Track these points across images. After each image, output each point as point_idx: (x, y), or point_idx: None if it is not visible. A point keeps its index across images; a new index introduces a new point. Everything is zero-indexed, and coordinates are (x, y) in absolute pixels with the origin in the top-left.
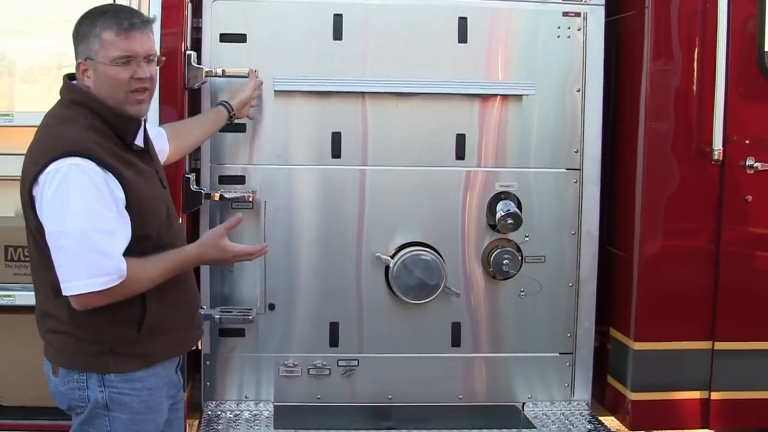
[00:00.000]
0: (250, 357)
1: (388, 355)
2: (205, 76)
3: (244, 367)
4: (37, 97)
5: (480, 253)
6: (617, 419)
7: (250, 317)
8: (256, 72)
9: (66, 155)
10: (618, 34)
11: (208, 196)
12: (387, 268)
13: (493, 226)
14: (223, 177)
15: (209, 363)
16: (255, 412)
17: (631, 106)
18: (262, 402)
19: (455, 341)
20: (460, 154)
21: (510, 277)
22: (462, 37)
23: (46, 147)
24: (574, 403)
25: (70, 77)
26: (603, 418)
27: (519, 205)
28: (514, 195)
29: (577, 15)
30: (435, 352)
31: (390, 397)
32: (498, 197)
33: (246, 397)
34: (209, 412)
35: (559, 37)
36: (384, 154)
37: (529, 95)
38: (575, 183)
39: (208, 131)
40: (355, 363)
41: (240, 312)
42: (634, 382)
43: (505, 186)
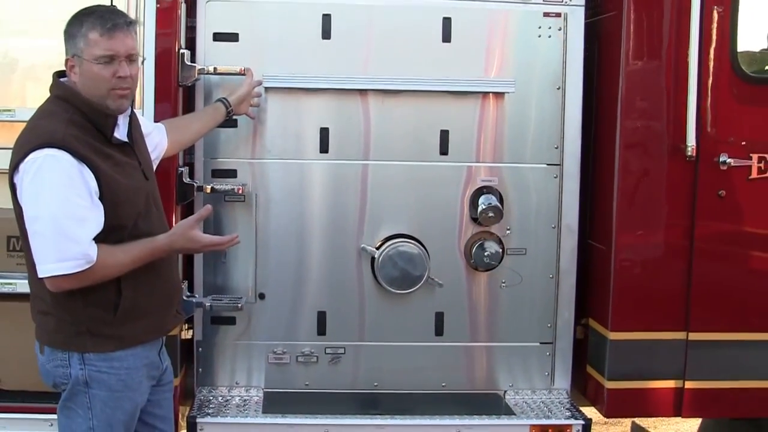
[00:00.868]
0: (240, 344)
1: (374, 343)
2: (198, 74)
3: (235, 354)
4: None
5: (463, 245)
6: (596, 409)
7: (240, 305)
8: (251, 70)
9: (43, 146)
10: (598, 35)
11: (201, 188)
12: (372, 259)
13: (475, 219)
14: (215, 171)
15: (201, 350)
16: (245, 398)
17: (609, 103)
18: (253, 388)
19: (438, 330)
20: (443, 150)
21: (492, 269)
22: (446, 36)
23: (27, 139)
24: (554, 392)
25: (59, 74)
26: (584, 408)
27: (500, 199)
28: (496, 189)
29: (558, 15)
30: (419, 341)
31: (375, 384)
32: (480, 191)
33: (237, 383)
34: (201, 397)
35: (540, 37)
36: (370, 149)
37: (510, 93)
38: (555, 178)
39: (206, 126)
40: (341, 351)
41: (231, 300)
42: (611, 371)
43: (487, 180)
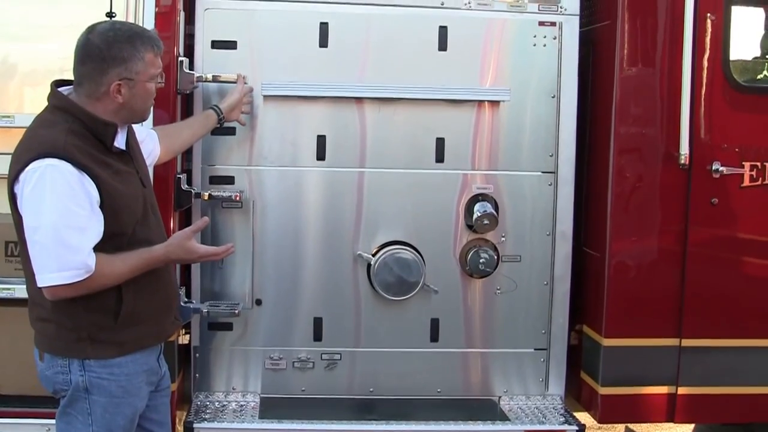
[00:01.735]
0: (237, 350)
1: (370, 349)
2: (197, 81)
3: (232, 359)
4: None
5: (458, 252)
6: (590, 414)
7: (237, 311)
8: (244, 77)
9: (44, 156)
10: (592, 43)
11: (198, 195)
12: (369, 265)
13: (470, 226)
14: (213, 177)
15: (198, 355)
16: (242, 403)
17: (603, 111)
18: (249, 393)
19: (434, 337)
20: (439, 158)
21: (487, 276)
22: (442, 45)
23: (27, 148)
24: (548, 398)
25: (57, 84)
26: (577, 414)
27: (496, 207)
28: (491, 197)
29: (553, 24)
30: (414, 347)
31: (371, 389)
32: (475, 199)
33: (234, 389)
34: (198, 403)
35: (535, 46)
36: (367, 156)
37: (505, 101)
38: (550, 185)
39: (197, 133)
40: (337, 357)
41: (228, 306)
42: (604, 376)
43: (483, 188)
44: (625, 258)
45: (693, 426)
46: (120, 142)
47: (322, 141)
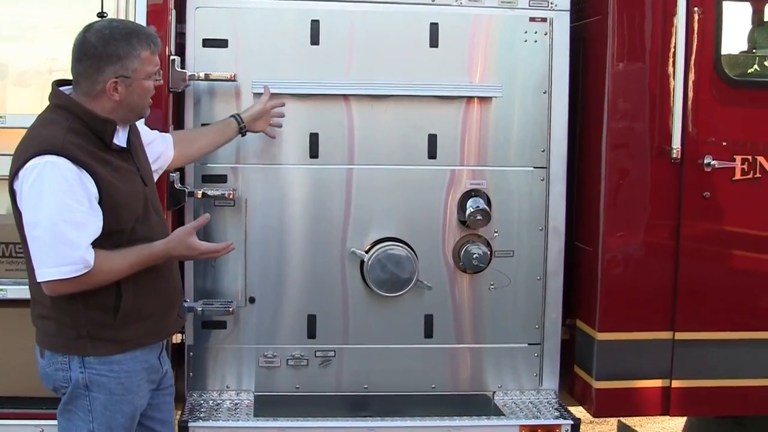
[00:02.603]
0: (231, 348)
1: (364, 346)
2: (188, 80)
3: (226, 358)
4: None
5: (451, 248)
6: (584, 408)
7: (231, 309)
8: (268, 88)
9: (43, 153)
10: (583, 39)
11: (192, 194)
12: (362, 262)
13: (463, 222)
14: (205, 176)
15: (192, 354)
16: (236, 402)
17: (595, 106)
18: (243, 392)
19: (428, 333)
20: (432, 154)
21: (480, 271)
22: (433, 41)
23: (27, 146)
24: (542, 392)
25: (58, 83)
26: (571, 408)
27: (488, 202)
28: (484, 192)
29: (544, 20)
30: (408, 343)
31: (366, 386)
32: (468, 194)
33: (228, 387)
34: (192, 402)
35: (526, 42)
36: (359, 153)
37: (497, 97)
38: (542, 181)
39: (216, 141)
40: (331, 354)
41: (221, 304)
42: (599, 371)
43: (475, 184)
44: (618, 252)
45: (685, 419)
46: (121, 139)
47: (314, 139)
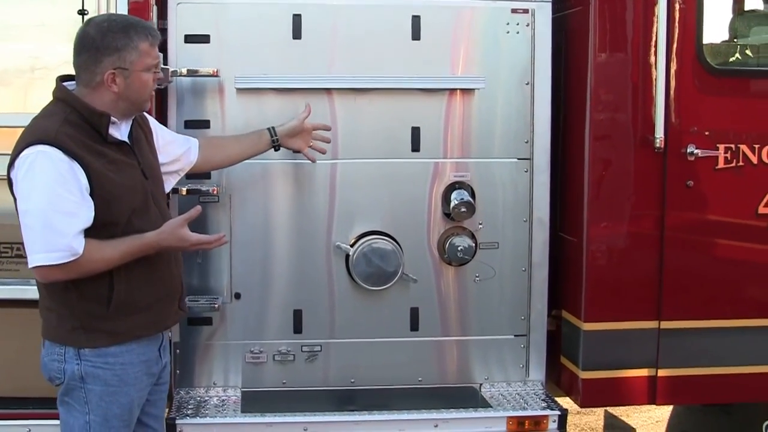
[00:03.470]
0: (217, 344)
1: (350, 340)
2: (171, 76)
3: (213, 354)
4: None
5: (436, 240)
6: (571, 399)
7: (216, 306)
8: (310, 106)
9: (36, 143)
10: (566, 30)
11: (176, 190)
12: (347, 256)
13: (447, 215)
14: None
15: (179, 351)
16: (223, 398)
17: (578, 97)
18: (231, 388)
19: (414, 326)
20: (415, 147)
21: (465, 264)
22: (416, 34)
23: (23, 136)
24: (529, 383)
25: (62, 78)
26: (558, 399)
27: (472, 194)
28: (468, 184)
29: (526, 12)
30: (394, 337)
31: (352, 380)
32: (452, 187)
33: (215, 384)
34: (179, 399)
35: (508, 33)
36: (343, 147)
37: (480, 89)
38: (526, 172)
39: (246, 151)
40: (318, 348)
41: (207, 301)
42: (585, 361)
43: (459, 176)
44: (603, 242)
45: (671, 408)
46: (122, 133)
47: None
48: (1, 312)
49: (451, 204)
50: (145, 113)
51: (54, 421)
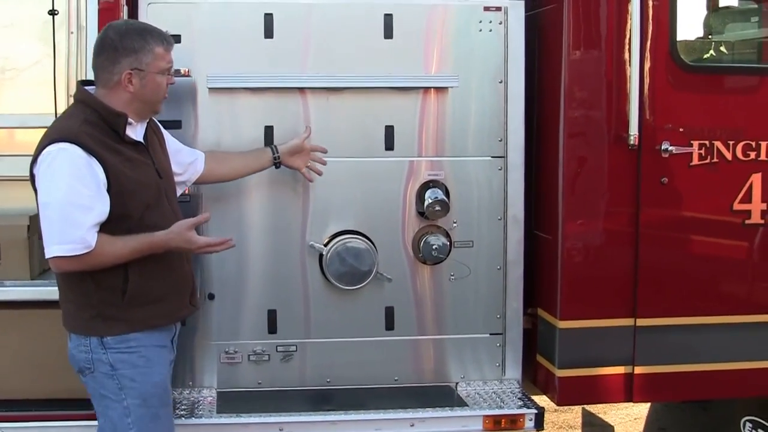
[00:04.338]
0: (192, 345)
1: (325, 340)
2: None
3: (187, 355)
4: None
5: (410, 239)
6: (548, 397)
7: None
8: (311, 128)
9: (58, 141)
10: (539, 27)
11: None
12: (321, 256)
13: (422, 214)
14: None
15: None
16: (199, 399)
17: (552, 95)
18: (206, 389)
19: (389, 325)
20: (389, 145)
21: (439, 262)
22: (388, 32)
23: (46, 135)
24: (505, 382)
25: (84, 82)
26: (535, 397)
27: (447, 193)
28: (442, 183)
29: (498, 9)
30: (370, 336)
31: (328, 380)
32: (426, 185)
33: (190, 384)
34: None
35: (481, 31)
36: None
37: (453, 87)
38: (500, 170)
39: (249, 166)
40: (293, 348)
41: None
42: (561, 359)
43: (433, 174)
44: (578, 240)
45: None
46: (137, 134)
47: (269, 132)
48: None
49: (425, 203)
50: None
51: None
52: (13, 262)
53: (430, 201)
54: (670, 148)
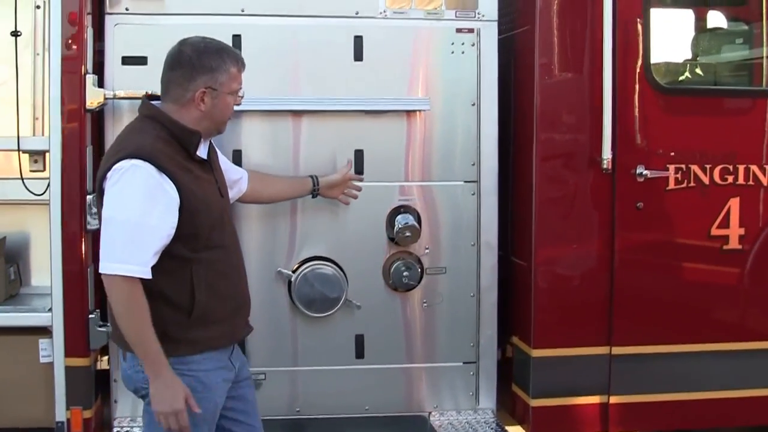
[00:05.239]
0: None
1: (294, 368)
2: (105, 99)
3: None
4: None
5: (381, 265)
6: (523, 428)
7: None
8: (351, 161)
9: (130, 157)
10: (513, 50)
11: None
12: (289, 282)
13: (392, 239)
14: None
15: (117, 380)
16: None
17: (525, 118)
18: None
19: (359, 353)
20: (359, 170)
21: (411, 289)
22: (358, 55)
23: (116, 150)
24: (479, 412)
25: (149, 97)
26: (511, 428)
27: (418, 218)
28: (413, 208)
29: (471, 31)
30: (340, 365)
31: (298, 410)
32: (397, 210)
33: None
34: (118, 430)
35: (453, 53)
36: (284, 170)
37: (425, 110)
38: (473, 195)
39: (288, 193)
40: (261, 377)
41: None
42: (535, 388)
43: (404, 200)
44: (552, 266)
45: None
46: (202, 152)
47: (237, 156)
48: None
49: (395, 228)
50: None
51: None
52: None
53: (400, 226)
54: (645, 172)
